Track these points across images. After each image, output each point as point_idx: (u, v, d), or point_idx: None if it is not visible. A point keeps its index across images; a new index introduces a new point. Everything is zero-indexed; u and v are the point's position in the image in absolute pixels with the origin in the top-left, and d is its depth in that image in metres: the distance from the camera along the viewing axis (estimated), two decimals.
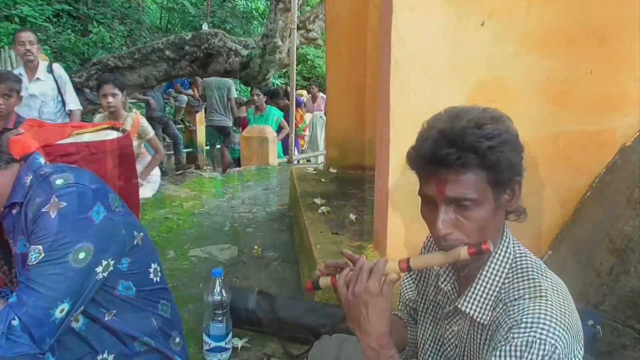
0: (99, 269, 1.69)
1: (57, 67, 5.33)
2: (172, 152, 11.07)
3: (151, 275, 1.92)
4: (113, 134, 2.15)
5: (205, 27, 11.51)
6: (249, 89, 9.49)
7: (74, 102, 5.37)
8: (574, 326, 1.20)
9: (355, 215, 3.44)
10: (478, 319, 1.34)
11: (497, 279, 1.33)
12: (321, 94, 11.92)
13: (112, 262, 1.74)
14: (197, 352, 2.60)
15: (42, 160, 1.84)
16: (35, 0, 11.91)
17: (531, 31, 2.50)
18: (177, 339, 2.02)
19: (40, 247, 1.61)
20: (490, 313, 1.32)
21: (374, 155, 2.89)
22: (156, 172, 5.21)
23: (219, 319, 2.47)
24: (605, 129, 2.63)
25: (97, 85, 4.82)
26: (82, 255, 1.64)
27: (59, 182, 1.71)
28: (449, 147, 1.21)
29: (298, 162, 8.28)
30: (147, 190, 5.09)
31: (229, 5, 16.93)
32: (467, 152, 1.21)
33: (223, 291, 2.46)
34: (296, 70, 8.42)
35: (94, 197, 1.72)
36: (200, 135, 11.35)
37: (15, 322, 1.54)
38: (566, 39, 2.52)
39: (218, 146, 10.00)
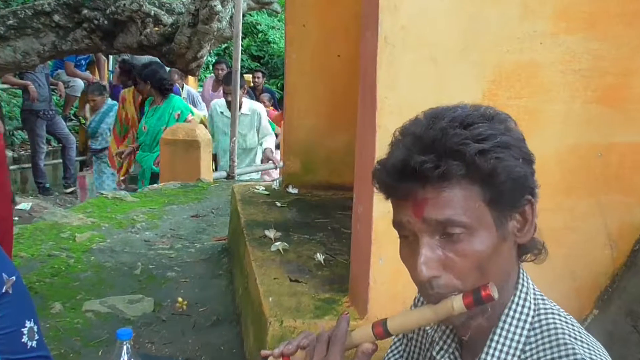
0: None
1: None
2: (61, 160, 10.96)
3: (24, 339, 1.89)
4: None
5: None
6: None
7: None
8: None
9: (324, 256, 3.43)
10: None
11: (513, 344, 1.33)
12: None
13: None
14: None
15: None
16: None
17: (574, 2, 2.55)
18: None
19: None
20: None
21: (352, 168, 2.89)
22: None
23: None
24: None
25: None
26: None
27: None
28: (424, 153, 1.22)
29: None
30: None
31: None
32: (448, 159, 1.21)
33: None
34: (242, 46, 8.42)
35: None
36: None
37: None
38: (622, 15, 2.58)
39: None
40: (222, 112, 8.36)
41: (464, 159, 1.21)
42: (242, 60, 8.31)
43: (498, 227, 1.27)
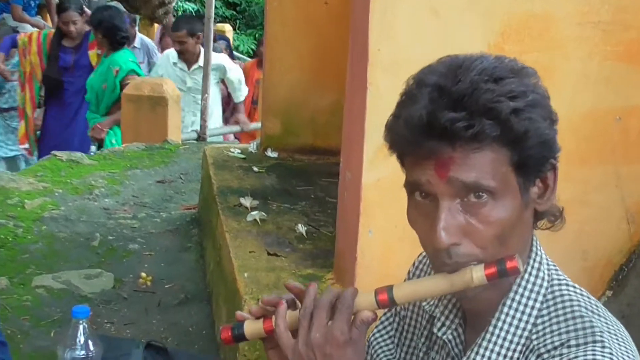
0: None
1: None
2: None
3: None
4: None
5: None
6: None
7: None
8: None
9: (306, 227, 3.44)
10: None
11: (525, 317, 1.35)
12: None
13: None
14: None
15: None
16: None
17: None
18: None
19: None
20: None
21: (339, 130, 2.89)
22: None
23: None
24: None
25: None
26: None
27: None
28: (454, 109, 1.22)
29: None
30: None
31: None
32: (483, 117, 1.22)
33: (90, 343, 2.42)
34: None
35: None
36: None
37: None
38: None
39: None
40: (174, 63, 8.11)
41: (498, 118, 1.21)
42: (215, 7, 8.23)
43: (522, 194, 1.29)
